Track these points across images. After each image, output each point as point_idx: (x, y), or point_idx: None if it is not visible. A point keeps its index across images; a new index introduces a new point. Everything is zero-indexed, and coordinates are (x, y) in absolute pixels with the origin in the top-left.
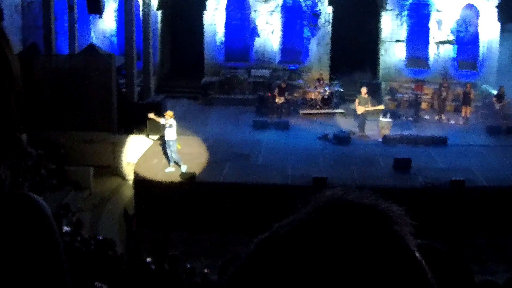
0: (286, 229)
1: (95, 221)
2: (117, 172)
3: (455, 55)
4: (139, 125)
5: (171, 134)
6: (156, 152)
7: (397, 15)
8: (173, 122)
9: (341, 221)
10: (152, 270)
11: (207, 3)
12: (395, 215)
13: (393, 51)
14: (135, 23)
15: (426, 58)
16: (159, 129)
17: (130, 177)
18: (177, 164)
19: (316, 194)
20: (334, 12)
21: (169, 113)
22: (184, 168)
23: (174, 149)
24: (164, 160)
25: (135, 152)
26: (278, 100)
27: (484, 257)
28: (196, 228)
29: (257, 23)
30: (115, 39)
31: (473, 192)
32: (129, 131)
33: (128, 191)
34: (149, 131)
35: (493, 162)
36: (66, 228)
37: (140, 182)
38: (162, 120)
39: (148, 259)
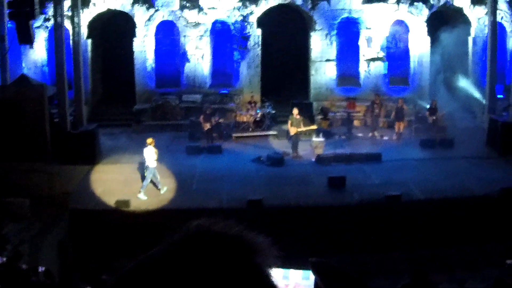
0: (148, 261)
1: (34, 252)
2: (54, 202)
3: (386, 72)
4: (73, 154)
5: (152, 160)
6: (92, 181)
7: (326, 35)
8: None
9: (204, 252)
10: None
11: (136, 30)
12: (259, 246)
13: (323, 70)
14: (66, 52)
15: (357, 76)
16: (96, 157)
17: (67, 207)
18: (156, 187)
19: (183, 225)
20: (263, 34)
21: (150, 140)
22: (163, 190)
23: (156, 174)
24: (100, 189)
25: (71, 182)
26: (205, 126)
27: (426, 268)
28: (135, 255)
29: (186, 48)
30: (46, 69)
31: (410, 205)
32: (64, 161)
33: (65, 221)
34: (83, 159)
35: (428, 175)
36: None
37: (76, 211)
38: (148, 150)
39: None
